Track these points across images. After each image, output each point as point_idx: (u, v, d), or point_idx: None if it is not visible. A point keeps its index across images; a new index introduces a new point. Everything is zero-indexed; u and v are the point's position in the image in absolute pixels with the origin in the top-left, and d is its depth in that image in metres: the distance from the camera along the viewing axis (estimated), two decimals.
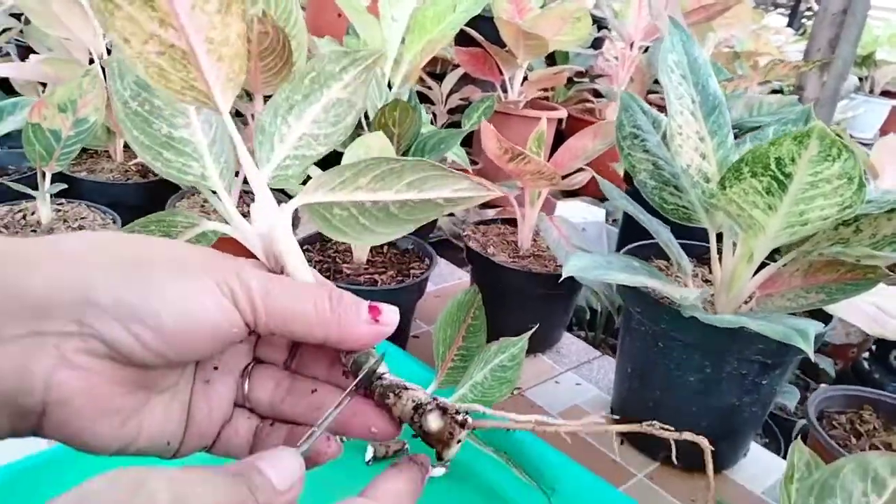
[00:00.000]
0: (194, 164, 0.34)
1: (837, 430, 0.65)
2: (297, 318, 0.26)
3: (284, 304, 0.26)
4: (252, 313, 0.25)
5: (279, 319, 0.26)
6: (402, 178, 0.31)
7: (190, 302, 0.24)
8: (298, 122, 0.35)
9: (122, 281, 0.23)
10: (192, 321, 0.24)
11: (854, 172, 0.51)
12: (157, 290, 0.24)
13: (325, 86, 0.35)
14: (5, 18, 1.46)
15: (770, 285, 0.64)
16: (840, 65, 1.30)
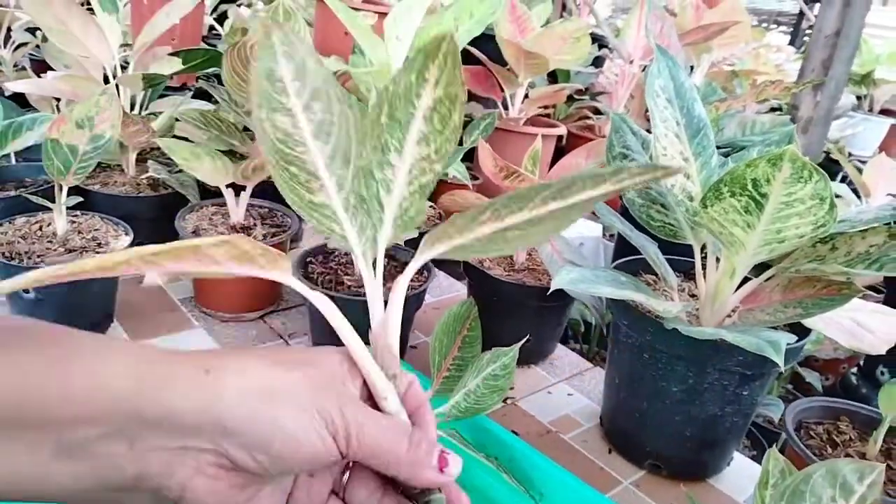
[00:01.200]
0: (336, 227, 0.35)
1: (814, 440, 0.68)
2: (381, 457, 0.32)
3: (374, 442, 0.32)
4: (347, 447, 0.31)
5: (367, 454, 0.32)
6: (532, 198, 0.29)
7: (301, 436, 0.30)
8: (401, 155, 0.33)
9: (249, 416, 0.29)
10: (300, 450, 0.30)
11: (825, 193, 0.54)
12: (278, 426, 0.30)
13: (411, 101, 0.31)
14: (22, 34, 1.51)
15: (752, 300, 0.66)
16: (833, 85, 1.33)
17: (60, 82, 0.99)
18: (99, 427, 0.27)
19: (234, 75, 0.90)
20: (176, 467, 0.29)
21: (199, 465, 0.30)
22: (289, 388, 0.31)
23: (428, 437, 0.33)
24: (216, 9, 2.26)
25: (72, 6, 0.96)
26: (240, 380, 0.30)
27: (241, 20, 1.91)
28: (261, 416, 0.29)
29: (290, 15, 0.98)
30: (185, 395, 0.29)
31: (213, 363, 0.30)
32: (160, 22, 1.02)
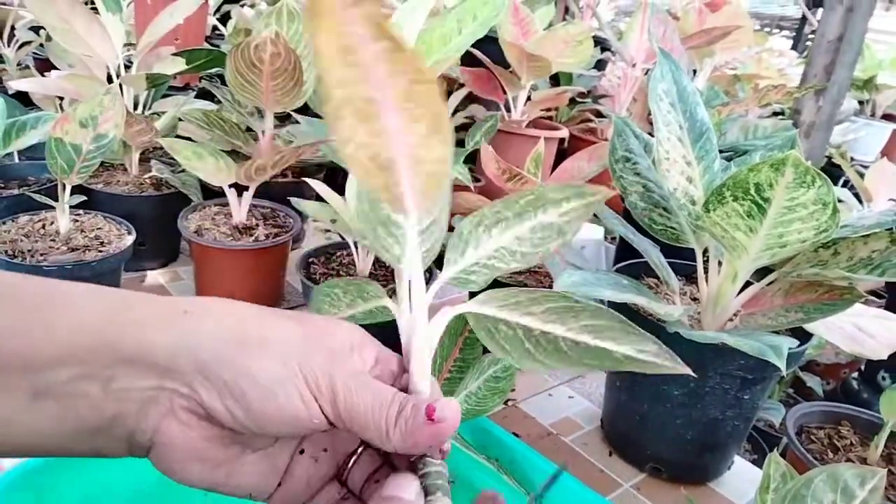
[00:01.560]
0: (397, 248, 0.34)
1: (815, 445, 0.68)
2: (369, 424, 0.29)
3: (361, 411, 0.29)
4: (332, 412, 0.29)
5: (356, 423, 0.29)
6: (579, 319, 0.31)
7: (278, 390, 0.28)
8: (502, 235, 0.35)
9: (225, 361, 0.28)
10: (276, 407, 0.28)
11: (828, 198, 0.54)
12: (252, 376, 0.28)
13: (542, 209, 0.35)
14: (25, 33, 1.51)
15: (753, 304, 0.67)
16: (836, 90, 1.33)
17: (64, 81, 1.00)
18: (75, 368, 0.27)
19: (238, 76, 0.90)
20: (149, 407, 0.28)
21: (172, 407, 0.28)
22: (273, 339, 0.29)
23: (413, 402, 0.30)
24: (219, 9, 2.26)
25: (76, 5, 0.97)
26: (218, 323, 0.28)
27: (244, 20, 1.91)
28: (235, 363, 0.28)
29: (293, 16, 0.99)
30: (161, 332, 0.27)
31: (195, 306, 0.29)
32: (164, 22, 1.02)
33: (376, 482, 0.33)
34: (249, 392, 0.28)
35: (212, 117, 0.99)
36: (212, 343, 0.28)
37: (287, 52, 0.88)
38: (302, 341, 0.29)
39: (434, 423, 0.29)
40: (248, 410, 0.28)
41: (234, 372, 0.28)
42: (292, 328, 0.30)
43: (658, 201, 0.71)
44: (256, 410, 0.28)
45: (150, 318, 0.28)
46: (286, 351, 0.28)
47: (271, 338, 0.29)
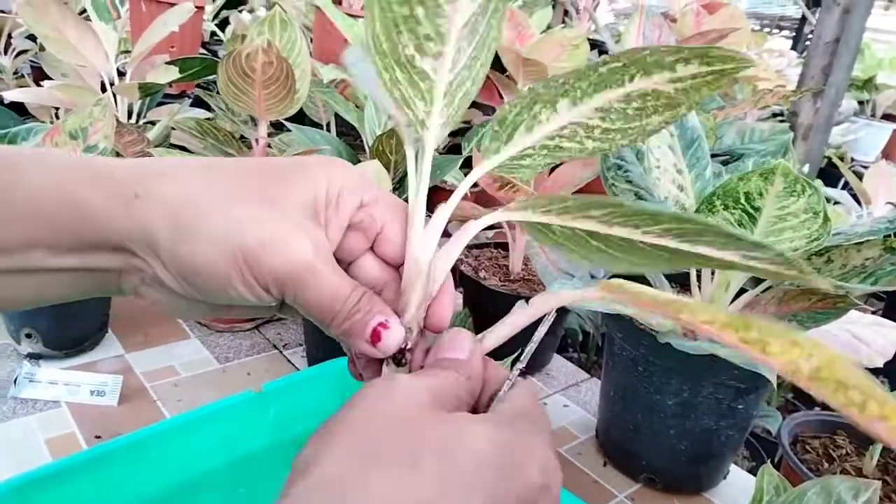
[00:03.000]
0: (420, 105, 0.29)
1: (810, 455, 0.67)
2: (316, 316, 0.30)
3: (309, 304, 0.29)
4: (282, 297, 0.29)
5: (304, 310, 0.30)
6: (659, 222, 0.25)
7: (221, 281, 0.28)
8: (571, 110, 0.29)
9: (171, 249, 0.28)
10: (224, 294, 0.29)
11: (819, 207, 0.53)
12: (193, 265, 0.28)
13: (641, 74, 0.27)
14: (22, 41, 1.52)
15: (747, 312, 0.66)
16: (833, 92, 1.33)
17: (57, 91, 0.99)
18: (45, 250, 0.28)
19: (230, 85, 0.90)
20: (125, 277, 0.30)
21: (143, 279, 0.30)
22: (219, 229, 0.28)
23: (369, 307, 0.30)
24: (217, 14, 2.26)
25: (68, 15, 0.97)
26: (166, 208, 0.28)
27: (242, 26, 1.92)
28: (180, 251, 0.28)
29: (286, 24, 0.98)
30: (115, 220, 0.28)
31: (147, 182, 0.29)
32: (157, 30, 1.02)
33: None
34: (197, 280, 0.29)
35: (205, 126, 0.98)
36: (160, 230, 0.28)
37: (279, 61, 0.88)
38: (251, 235, 0.28)
39: (373, 347, 0.30)
40: (202, 293, 0.29)
41: (179, 259, 0.28)
42: (249, 208, 0.28)
43: None
44: (208, 293, 0.29)
45: (104, 202, 0.28)
46: (233, 244, 0.28)
47: (215, 230, 0.28)
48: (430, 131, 0.29)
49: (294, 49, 0.99)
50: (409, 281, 0.31)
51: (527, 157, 0.30)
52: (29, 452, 0.64)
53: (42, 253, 0.28)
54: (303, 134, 0.93)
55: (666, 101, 0.27)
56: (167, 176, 0.29)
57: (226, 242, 0.28)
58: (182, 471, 0.60)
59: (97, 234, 0.28)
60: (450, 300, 0.32)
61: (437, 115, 0.29)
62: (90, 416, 0.69)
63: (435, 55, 0.27)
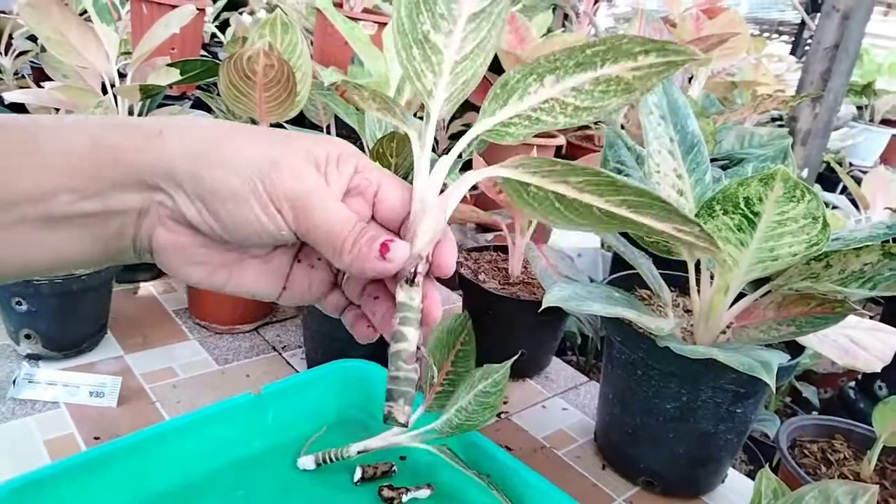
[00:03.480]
0: (430, 77, 0.34)
1: (808, 459, 0.67)
2: (324, 245, 0.32)
3: (318, 229, 0.31)
4: (296, 228, 0.32)
5: (312, 239, 0.32)
6: (620, 194, 0.30)
7: (241, 205, 0.31)
8: (555, 86, 0.32)
9: (194, 176, 0.30)
10: (242, 218, 0.31)
11: (818, 213, 0.54)
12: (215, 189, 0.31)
13: (610, 60, 0.31)
14: (23, 42, 1.52)
15: (746, 317, 0.66)
16: (832, 97, 1.33)
17: (58, 93, 1.00)
18: (73, 193, 0.29)
19: (231, 87, 0.90)
20: (143, 219, 0.32)
21: (160, 216, 0.31)
22: (237, 156, 0.31)
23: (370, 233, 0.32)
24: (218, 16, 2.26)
25: (70, 17, 0.97)
26: (189, 140, 0.31)
27: (242, 28, 1.92)
28: (203, 177, 0.30)
29: (287, 27, 0.99)
30: (141, 153, 0.30)
31: (169, 127, 0.31)
32: (158, 33, 1.02)
33: (375, 298, 0.36)
34: (216, 204, 0.31)
35: None
36: (183, 159, 0.30)
37: (280, 64, 0.88)
38: (267, 159, 0.31)
39: (383, 260, 0.31)
40: (218, 220, 0.31)
41: (202, 186, 0.30)
42: (261, 147, 0.31)
43: None
44: (225, 220, 0.31)
45: (130, 141, 0.30)
46: (250, 168, 0.31)
47: (236, 156, 0.31)
48: (435, 101, 0.33)
49: (295, 52, 0.99)
50: (415, 217, 0.33)
51: (512, 126, 0.34)
52: (28, 453, 0.64)
53: (67, 197, 0.29)
54: None
55: (625, 87, 0.31)
56: (187, 122, 0.32)
57: (245, 166, 0.30)
58: (181, 472, 0.60)
59: (121, 170, 0.30)
60: (452, 246, 0.34)
61: (443, 88, 0.33)
62: (89, 418, 0.69)
63: (447, 33, 0.33)
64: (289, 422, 0.67)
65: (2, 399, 0.70)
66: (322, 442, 0.66)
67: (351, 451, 0.63)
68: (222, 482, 0.61)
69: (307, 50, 1.01)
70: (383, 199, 0.34)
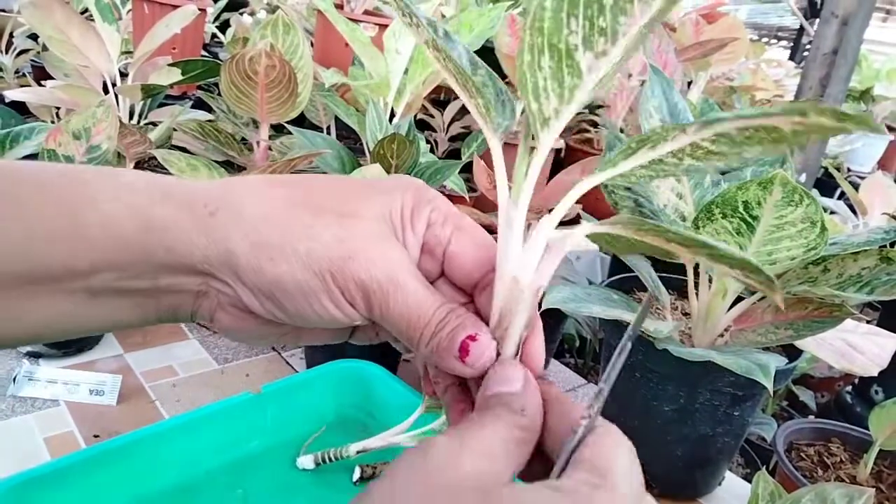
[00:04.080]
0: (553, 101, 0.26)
1: (805, 462, 0.68)
2: (403, 335, 0.28)
3: (396, 320, 0.28)
4: (369, 313, 0.28)
5: (391, 326, 0.29)
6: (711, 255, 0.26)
7: (311, 300, 0.28)
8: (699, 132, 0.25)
9: (256, 269, 0.28)
10: (312, 311, 0.28)
11: (816, 217, 0.54)
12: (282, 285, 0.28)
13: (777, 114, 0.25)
14: (24, 40, 1.52)
15: (744, 320, 0.67)
16: (830, 103, 1.34)
17: (60, 92, 1.00)
18: (120, 272, 0.27)
19: (233, 87, 0.91)
20: (201, 300, 0.29)
21: (220, 303, 0.29)
22: (303, 247, 0.27)
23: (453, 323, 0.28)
24: (219, 17, 2.27)
25: (72, 16, 0.97)
26: (246, 230, 0.27)
27: (243, 29, 1.92)
28: (266, 272, 0.27)
29: (289, 28, 0.99)
30: (193, 239, 0.27)
31: (218, 206, 0.28)
32: (159, 33, 1.03)
33: None
34: (283, 299, 0.28)
35: (207, 128, 0.99)
36: (242, 250, 0.27)
37: (282, 65, 0.88)
38: (338, 245, 0.27)
39: (462, 363, 0.27)
40: (285, 312, 0.28)
41: (266, 280, 0.28)
42: (331, 224, 0.28)
43: (649, 216, 0.71)
44: (293, 313, 0.28)
45: (181, 222, 0.27)
46: (319, 260, 0.27)
47: (303, 243, 0.27)
48: (549, 131, 0.27)
49: (296, 53, 0.99)
50: (505, 306, 0.27)
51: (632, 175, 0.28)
52: (27, 451, 0.64)
53: (111, 275, 0.27)
54: (304, 137, 0.93)
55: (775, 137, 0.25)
56: (241, 193, 0.29)
57: (312, 257, 0.27)
58: (180, 471, 0.61)
59: (173, 256, 0.27)
60: (541, 339, 0.29)
61: (565, 117, 0.26)
62: (89, 416, 0.69)
63: (599, 53, 0.25)
64: (288, 421, 0.68)
65: (2, 396, 0.70)
66: (321, 441, 0.66)
67: (350, 451, 0.63)
68: (221, 481, 0.61)
69: (308, 51, 1.01)
70: (453, 257, 0.30)
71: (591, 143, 1.67)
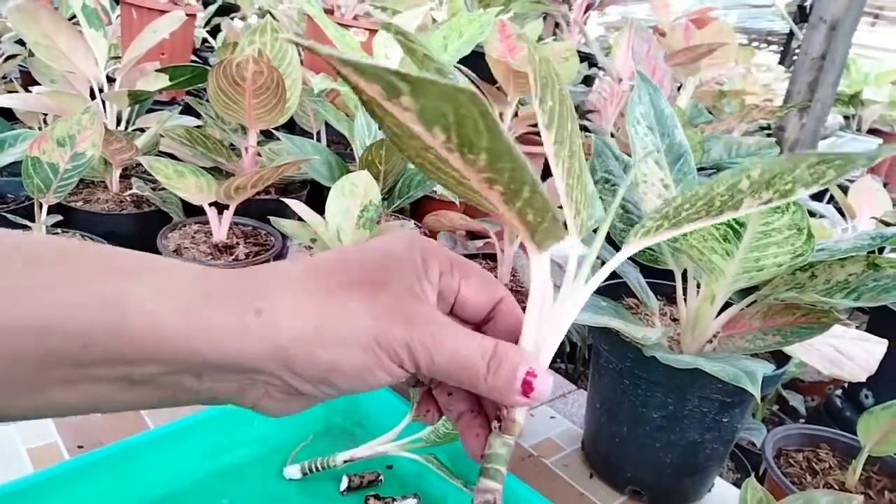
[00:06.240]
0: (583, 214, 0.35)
1: (794, 468, 0.68)
2: (457, 380, 0.31)
3: (448, 366, 0.30)
4: (419, 370, 0.30)
5: (443, 376, 0.31)
6: None
7: (363, 373, 0.30)
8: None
9: (310, 360, 0.29)
10: (366, 385, 0.30)
11: (803, 224, 0.54)
12: (337, 369, 0.29)
13: None
14: (11, 45, 1.51)
15: (732, 326, 0.66)
16: (819, 107, 1.34)
17: (46, 98, 0.99)
18: (163, 366, 0.28)
19: (220, 93, 0.90)
20: (246, 391, 0.30)
21: (268, 391, 0.30)
22: (346, 327, 0.29)
23: (509, 361, 0.30)
24: (209, 22, 2.26)
25: (59, 22, 0.96)
26: (294, 323, 0.29)
27: (233, 33, 1.92)
28: (321, 361, 0.29)
29: (277, 34, 0.99)
30: (240, 341, 0.28)
31: (263, 304, 0.29)
32: (147, 38, 1.02)
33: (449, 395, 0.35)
34: (337, 379, 0.30)
35: (194, 134, 0.98)
36: (293, 344, 0.29)
37: (270, 70, 0.88)
38: (374, 319, 0.29)
39: (526, 398, 0.30)
40: (340, 390, 0.30)
41: (321, 368, 0.29)
42: (359, 308, 0.30)
43: (636, 222, 0.71)
44: (348, 389, 0.30)
45: (224, 325, 0.28)
46: (365, 337, 0.29)
47: (343, 328, 0.29)
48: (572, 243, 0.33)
49: (285, 58, 0.99)
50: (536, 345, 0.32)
51: None
52: (10, 462, 0.63)
53: (154, 369, 0.28)
54: (292, 143, 0.93)
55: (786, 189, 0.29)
56: (282, 285, 0.30)
57: (357, 335, 0.29)
58: (165, 481, 0.60)
59: (218, 355, 0.28)
60: None
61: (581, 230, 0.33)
62: (72, 426, 0.68)
63: None
64: (275, 430, 0.67)
65: None
66: (308, 451, 0.65)
67: (337, 460, 0.63)
68: (207, 491, 0.61)
69: (297, 57, 1.01)
70: (465, 301, 0.34)
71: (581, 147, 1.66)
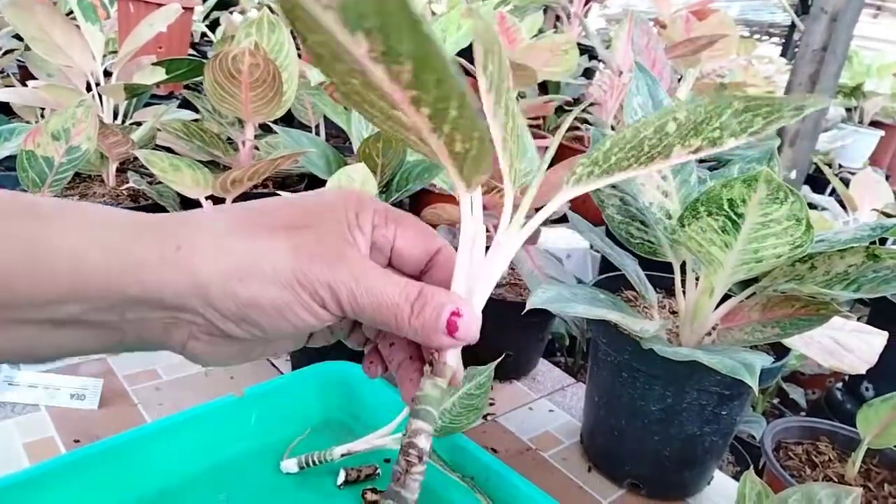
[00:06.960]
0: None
1: (793, 461, 0.67)
2: (382, 321, 0.30)
3: (372, 308, 0.30)
4: (342, 310, 0.30)
5: (367, 318, 0.30)
6: None
7: (285, 311, 0.30)
8: None
9: (230, 296, 0.29)
10: (288, 323, 0.30)
11: (801, 214, 0.53)
12: (257, 305, 0.29)
13: None
14: (8, 40, 1.50)
15: (731, 318, 0.66)
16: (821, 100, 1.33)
17: (42, 92, 0.99)
18: (85, 304, 0.27)
19: (217, 86, 0.90)
20: (171, 331, 0.30)
21: (192, 332, 0.30)
22: (267, 263, 0.29)
23: (435, 301, 0.30)
24: (208, 15, 2.25)
25: (55, 16, 0.96)
26: (213, 260, 0.29)
27: (232, 27, 1.91)
28: (240, 296, 0.29)
29: (274, 26, 0.98)
30: (161, 275, 0.28)
31: (184, 241, 0.29)
32: (143, 32, 1.02)
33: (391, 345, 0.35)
34: (259, 317, 0.29)
35: (191, 128, 0.98)
36: (212, 279, 0.29)
37: (266, 63, 0.87)
38: (295, 258, 0.29)
39: (451, 338, 0.30)
40: (261, 329, 0.30)
41: (240, 303, 0.29)
42: (282, 246, 0.29)
43: (635, 214, 0.70)
44: (271, 328, 0.30)
45: (144, 259, 0.28)
46: (284, 273, 0.29)
47: (264, 264, 0.29)
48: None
49: (282, 51, 0.99)
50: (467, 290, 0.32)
51: None
52: (7, 457, 0.63)
53: (76, 307, 0.27)
54: (289, 136, 0.93)
55: None
56: (201, 224, 0.30)
57: (277, 271, 0.29)
58: (162, 476, 0.60)
59: (138, 289, 0.28)
60: None
61: None
62: (70, 420, 0.68)
63: None
64: (272, 424, 0.67)
65: None
66: (305, 444, 0.65)
67: (334, 454, 0.62)
68: (204, 485, 0.61)
69: (294, 49, 1.00)
70: (401, 251, 0.34)
71: (581, 140, 1.66)
